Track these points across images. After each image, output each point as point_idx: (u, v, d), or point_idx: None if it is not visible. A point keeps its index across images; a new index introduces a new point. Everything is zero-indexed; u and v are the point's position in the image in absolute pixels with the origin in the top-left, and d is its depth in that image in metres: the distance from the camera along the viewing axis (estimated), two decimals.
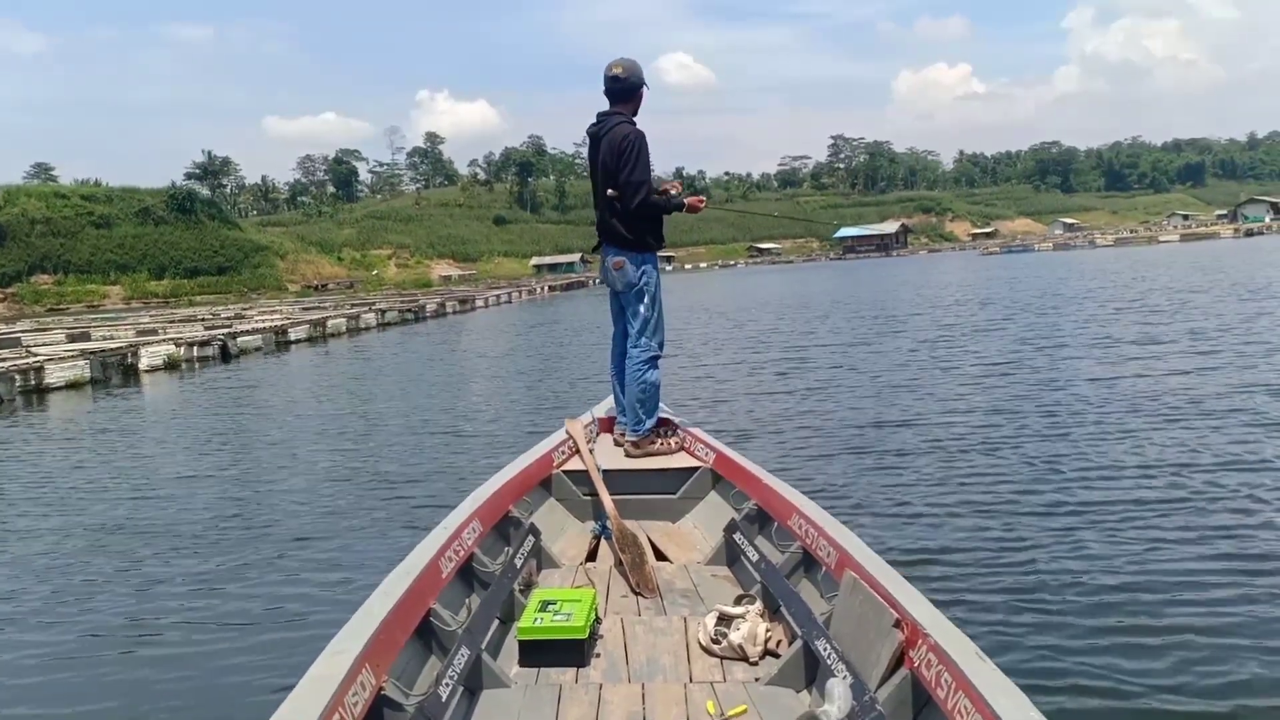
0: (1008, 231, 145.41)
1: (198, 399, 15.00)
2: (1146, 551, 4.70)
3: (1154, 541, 4.84)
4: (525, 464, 4.07)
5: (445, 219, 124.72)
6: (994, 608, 4.10)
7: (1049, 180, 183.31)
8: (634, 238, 4.37)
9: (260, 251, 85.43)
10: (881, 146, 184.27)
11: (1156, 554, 4.66)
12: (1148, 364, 11.08)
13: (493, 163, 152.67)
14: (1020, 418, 8.33)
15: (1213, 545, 4.74)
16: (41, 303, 65.94)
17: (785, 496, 3.39)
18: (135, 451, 9.80)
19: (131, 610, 4.79)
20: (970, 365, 12.14)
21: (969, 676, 1.91)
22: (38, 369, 16.73)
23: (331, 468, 8.18)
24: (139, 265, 75.66)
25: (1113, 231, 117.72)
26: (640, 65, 4.40)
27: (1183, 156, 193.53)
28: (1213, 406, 8.18)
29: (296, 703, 1.87)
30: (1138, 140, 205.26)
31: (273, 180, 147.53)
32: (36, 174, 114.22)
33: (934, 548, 4.94)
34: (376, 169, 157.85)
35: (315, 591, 4.88)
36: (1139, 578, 4.35)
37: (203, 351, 21.36)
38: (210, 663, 4.03)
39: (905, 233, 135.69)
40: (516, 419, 10.38)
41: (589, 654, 2.75)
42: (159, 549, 5.87)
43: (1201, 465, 6.27)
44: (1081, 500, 5.66)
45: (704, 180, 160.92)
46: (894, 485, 6.30)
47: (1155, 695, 3.29)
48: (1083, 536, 4.98)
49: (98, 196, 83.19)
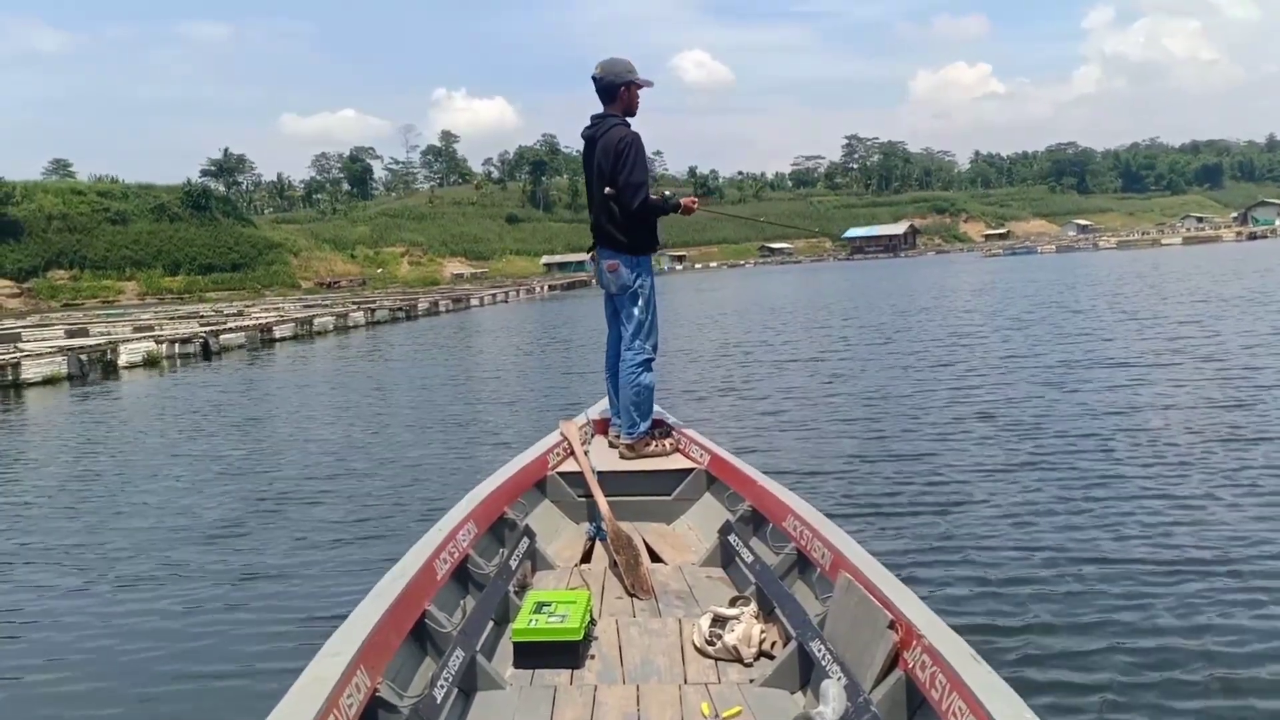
0: (1022, 233, 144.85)
1: (171, 396, 15.12)
2: (1146, 553, 4.68)
3: (1154, 543, 4.82)
4: (520, 465, 4.07)
5: (458, 217, 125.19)
6: (990, 609, 4.09)
7: (1065, 181, 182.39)
8: (629, 240, 4.37)
9: (274, 249, 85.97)
10: (896, 146, 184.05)
11: (1156, 556, 4.64)
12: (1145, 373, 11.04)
13: (506, 161, 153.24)
14: (1018, 417, 8.32)
15: (1213, 546, 4.72)
16: (57, 298, 66.54)
17: (780, 498, 3.38)
18: (102, 447, 9.85)
19: (119, 611, 4.75)
20: (963, 368, 12.12)
21: (963, 678, 1.91)
22: (14, 365, 16.95)
23: (319, 467, 8.12)
24: (154, 261, 76.30)
25: (1115, 234, 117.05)
26: (623, 64, 4.36)
27: (1200, 158, 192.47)
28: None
29: (291, 704, 1.87)
30: (1155, 141, 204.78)
31: (288, 178, 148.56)
32: (55, 170, 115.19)
33: (929, 549, 4.92)
34: (391, 167, 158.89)
35: (308, 593, 4.85)
36: (1139, 579, 4.33)
37: (184, 349, 21.50)
38: (202, 665, 4.01)
39: (914, 233, 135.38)
40: (512, 420, 10.32)
41: (584, 655, 2.75)
42: (136, 548, 5.84)
43: (1192, 463, 6.29)
44: (1081, 502, 5.64)
45: (717, 180, 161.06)
46: (889, 486, 6.28)
47: (1154, 697, 3.28)
48: (1081, 538, 4.96)
49: (114, 193, 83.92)
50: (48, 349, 18.91)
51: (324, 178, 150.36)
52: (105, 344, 20.51)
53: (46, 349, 18.93)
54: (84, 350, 19.09)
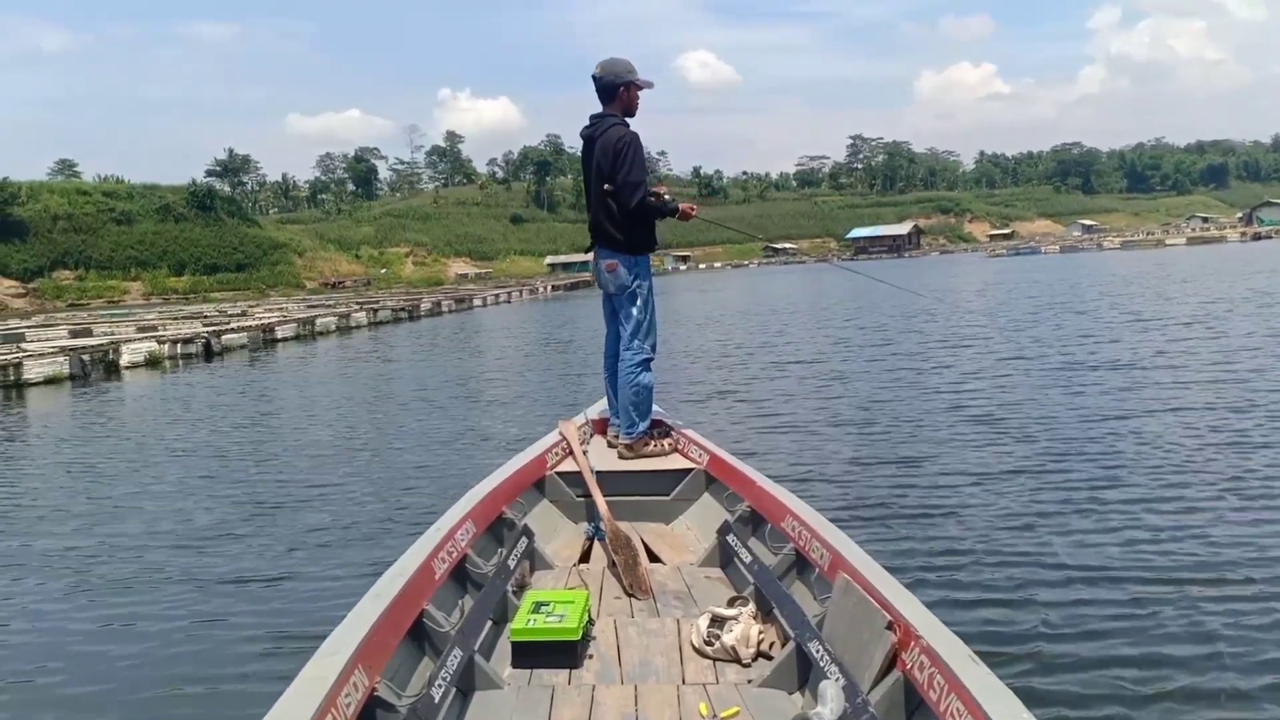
0: (1027, 233, 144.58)
1: (170, 396, 15.19)
2: (1146, 555, 4.67)
3: (1154, 545, 4.80)
4: (519, 465, 4.07)
5: (463, 217, 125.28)
6: (988, 610, 4.08)
7: (1070, 181, 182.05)
8: (627, 240, 4.37)
9: (279, 249, 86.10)
10: (900, 147, 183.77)
11: (1157, 557, 4.62)
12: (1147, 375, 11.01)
13: (511, 161, 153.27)
14: (1016, 420, 8.29)
15: (1216, 548, 4.70)
16: (63, 298, 66.62)
17: (778, 498, 3.38)
18: (99, 447, 9.87)
19: (114, 613, 4.74)
20: (961, 370, 12.07)
21: (961, 679, 1.91)
22: (16, 365, 17.03)
23: (316, 467, 8.10)
24: (159, 262, 76.39)
25: (1119, 235, 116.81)
26: (623, 64, 4.36)
27: (1206, 158, 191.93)
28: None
29: (289, 703, 1.88)
30: (1161, 141, 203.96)
31: (293, 178, 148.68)
32: (60, 170, 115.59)
33: (927, 550, 4.91)
34: (396, 167, 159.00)
35: (305, 593, 4.85)
36: (1138, 581, 4.32)
37: (186, 349, 21.53)
38: (199, 665, 4.01)
39: (918, 233, 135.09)
40: (511, 420, 10.30)
41: (582, 655, 2.75)
42: (131, 548, 5.83)
43: (1191, 464, 6.28)
44: (1080, 503, 5.62)
45: (721, 180, 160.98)
46: (889, 487, 6.26)
47: (1154, 698, 3.27)
48: (1081, 539, 4.94)
49: (119, 193, 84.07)
50: (49, 349, 18.96)
51: (329, 178, 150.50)
52: (107, 344, 20.55)
53: (48, 349, 18.99)
54: (86, 350, 19.14)
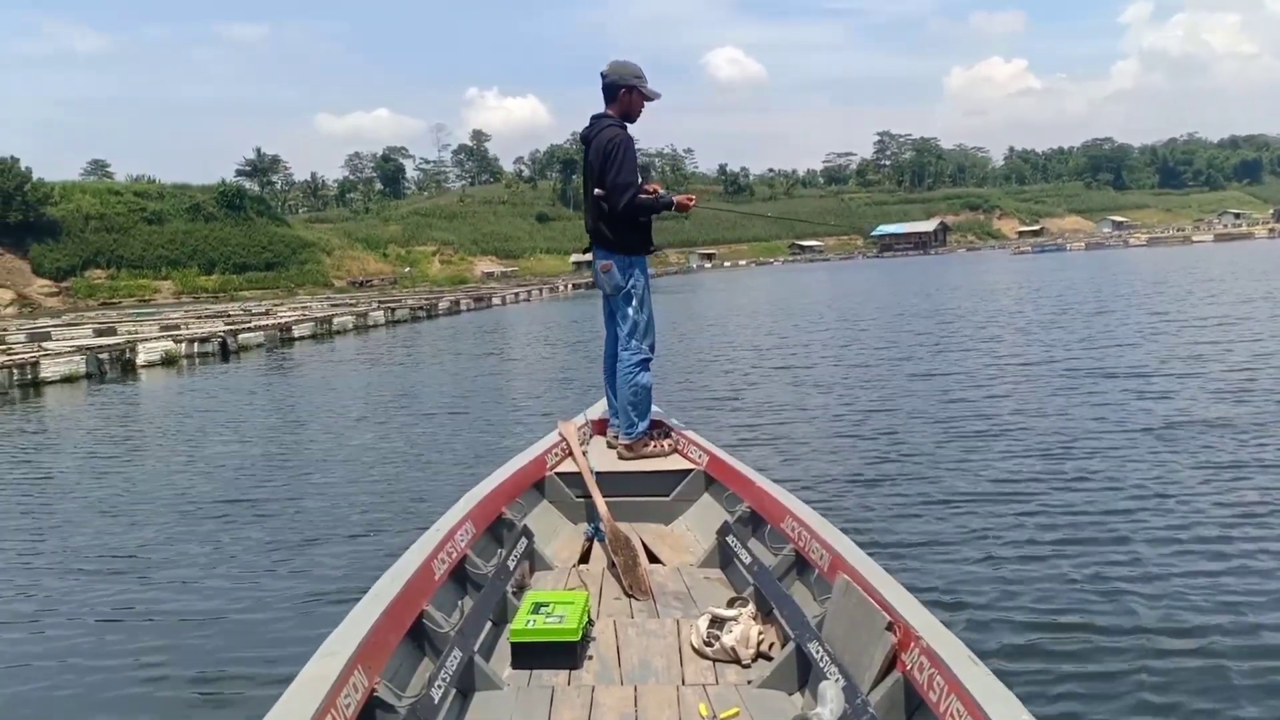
0: (1056, 229, 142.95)
1: (182, 395, 15.39)
2: (1146, 555, 4.64)
3: (1154, 546, 4.77)
4: (518, 466, 4.08)
5: (489, 216, 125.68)
6: (987, 611, 4.06)
7: (1101, 177, 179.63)
8: (621, 241, 4.36)
9: (307, 248, 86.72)
10: (929, 143, 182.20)
11: (1156, 558, 4.59)
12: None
13: (537, 160, 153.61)
14: (1015, 421, 8.25)
15: (1214, 549, 4.68)
16: (95, 297, 67.52)
17: (778, 499, 3.37)
18: (110, 445, 10.03)
19: (113, 611, 4.80)
20: (960, 371, 12.02)
21: (961, 680, 1.91)
22: (33, 364, 17.33)
23: (317, 467, 8.16)
24: (189, 261, 77.18)
25: (1147, 231, 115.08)
26: (633, 68, 4.32)
27: (1239, 153, 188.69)
28: None
29: (289, 704, 1.89)
30: (1194, 137, 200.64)
31: (322, 177, 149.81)
32: (92, 170, 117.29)
33: (927, 551, 4.90)
34: (423, 166, 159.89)
35: (304, 593, 4.88)
36: (1138, 582, 4.29)
37: (202, 348, 21.72)
38: (200, 664, 4.05)
39: (944, 230, 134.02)
40: (511, 420, 10.34)
41: (581, 656, 2.75)
42: (134, 543, 5.90)
43: (1193, 469, 6.24)
44: (1080, 504, 5.59)
45: (748, 177, 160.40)
46: (887, 488, 6.25)
47: (1153, 698, 3.26)
48: (1081, 540, 4.92)
49: (150, 193, 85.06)
50: (67, 348, 19.26)
51: (357, 177, 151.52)
52: (124, 343, 20.82)
53: (66, 348, 19.29)
54: (103, 349, 19.44)
